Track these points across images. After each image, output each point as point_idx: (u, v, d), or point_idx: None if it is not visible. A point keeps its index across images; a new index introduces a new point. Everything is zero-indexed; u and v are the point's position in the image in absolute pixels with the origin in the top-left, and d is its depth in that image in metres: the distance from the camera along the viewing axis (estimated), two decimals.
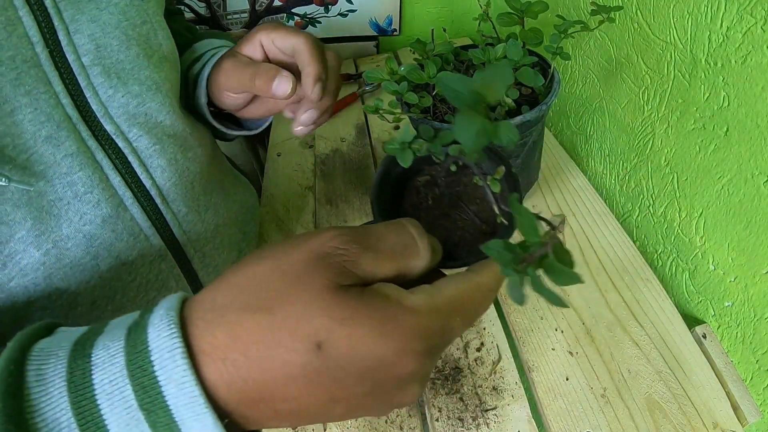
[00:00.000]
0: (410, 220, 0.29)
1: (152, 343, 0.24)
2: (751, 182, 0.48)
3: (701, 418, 0.49)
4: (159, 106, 0.46)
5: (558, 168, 0.77)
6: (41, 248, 0.39)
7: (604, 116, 0.72)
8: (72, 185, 0.40)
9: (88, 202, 0.41)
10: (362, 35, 1.12)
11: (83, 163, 0.41)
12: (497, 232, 0.37)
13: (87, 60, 0.41)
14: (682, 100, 0.55)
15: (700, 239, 0.57)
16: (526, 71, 0.53)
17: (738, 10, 0.44)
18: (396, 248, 0.27)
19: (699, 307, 0.60)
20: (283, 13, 1.06)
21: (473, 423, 0.50)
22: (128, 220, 0.44)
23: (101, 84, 0.42)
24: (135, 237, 0.44)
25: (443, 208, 0.40)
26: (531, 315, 0.59)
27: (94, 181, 0.41)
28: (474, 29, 1.15)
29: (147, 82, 0.45)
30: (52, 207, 0.39)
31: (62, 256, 0.40)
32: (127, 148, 0.44)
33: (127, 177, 0.44)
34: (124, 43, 0.44)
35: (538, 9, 0.54)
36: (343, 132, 0.91)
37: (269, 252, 0.27)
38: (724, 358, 0.55)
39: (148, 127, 0.45)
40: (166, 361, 0.23)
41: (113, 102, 0.43)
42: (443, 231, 0.38)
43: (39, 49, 0.38)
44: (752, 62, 0.44)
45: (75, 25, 0.40)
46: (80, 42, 0.41)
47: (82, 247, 0.41)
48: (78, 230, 0.41)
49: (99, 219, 0.42)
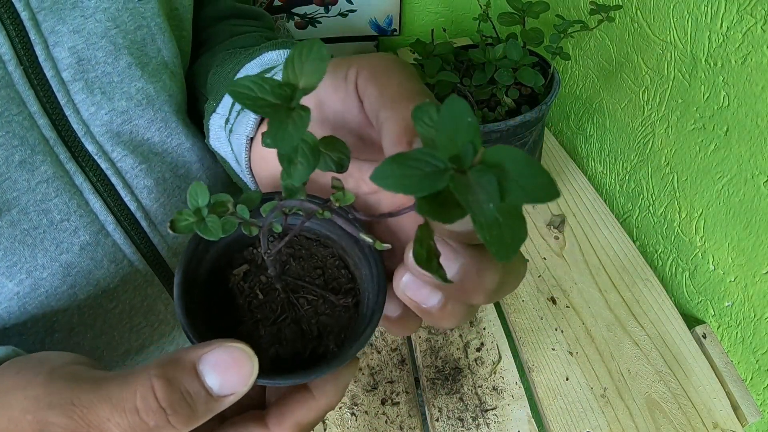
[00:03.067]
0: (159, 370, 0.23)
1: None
2: (751, 182, 0.48)
3: (701, 418, 0.49)
4: (147, 123, 0.43)
5: (558, 168, 0.77)
6: (14, 279, 0.37)
7: (604, 116, 0.72)
8: (47, 212, 0.38)
9: (65, 230, 0.39)
10: (362, 35, 1.12)
11: (60, 188, 0.38)
12: (360, 293, 0.29)
13: (67, 75, 0.38)
14: (682, 100, 0.55)
15: (700, 239, 0.57)
16: (526, 71, 0.53)
17: (738, 10, 0.44)
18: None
19: (699, 307, 0.60)
20: (283, 13, 1.06)
21: (473, 423, 0.50)
22: (110, 246, 0.42)
23: (83, 101, 0.39)
24: (117, 264, 0.42)
25: (279, 300, 0.29)
26: (531, 315, 0.59)
27: (71, 208, 0.39)
28: (474, 29, 1.15)
29: (137, 96, 0.42)
30: (25, 236, 0.37)
31: (37, 285, 0.38)
32: (110, 169, 0.41)
33: (109, 201, 0.41)
34: (112, 54, 0.41)
35: (539, 9, 0.54)
36: None
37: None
38: (724, 358, 0.55)
39: (134, 145, 0.43)
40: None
41: (96, 120, 0.40)
42: (294, 331, 0.28)
43: (11, 68, 0.36)
44: (752, 62, 0.44)
45: (54, 38, 0.38)
46: (60, 56, 0.38)
47: (58, 277, 0.39)
48: (54, 260, 0.39)
49: (77, 247, 0.40)
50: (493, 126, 0.54)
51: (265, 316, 0.28)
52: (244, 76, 0.25)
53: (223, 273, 0.30)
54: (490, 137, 0.56)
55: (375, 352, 0.57)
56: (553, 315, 0.58)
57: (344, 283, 0.29)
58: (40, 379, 0.24)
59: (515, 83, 0.57)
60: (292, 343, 0.27)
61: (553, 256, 0.64)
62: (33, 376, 0.25)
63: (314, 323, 0.28)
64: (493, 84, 0.56)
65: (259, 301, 0.29)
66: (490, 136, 0.55)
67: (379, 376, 0.55)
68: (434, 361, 0.55)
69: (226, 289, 0.29)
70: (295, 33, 1.09)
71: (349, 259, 0.30)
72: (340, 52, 1.14)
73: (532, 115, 0.55)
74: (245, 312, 0.29)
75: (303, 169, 0.19)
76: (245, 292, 0.29)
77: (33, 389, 0.24)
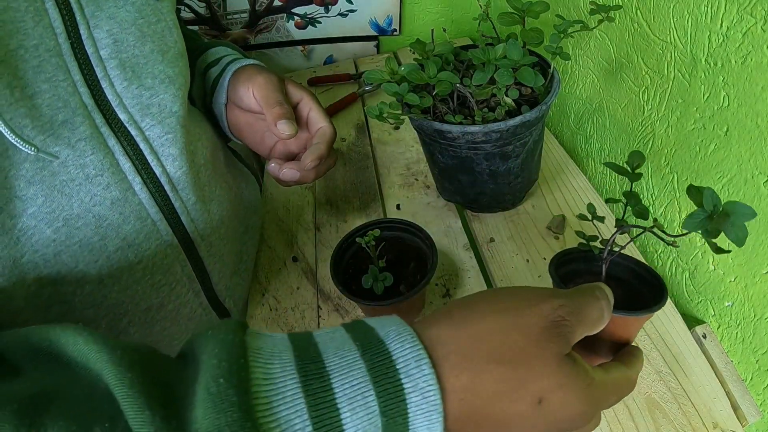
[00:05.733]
0: (601, 289, 0.34)
1: (395, 353, 0.26)
2: (751, 182, 0.48)
3: (701, 418, 0.49)
4: (172, 98, 0.49)
5: (558, 168, 0.77)
6: (52, 225, 0.41)
7: (604, 116, 0.72)
8: (84, 167, 0.42)
9: (99, 184, 0.43)
10: (362, 35, 1.12)
11: (95, 147, 0.43)
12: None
13: (105, 53, 0.44)
14: (682, 100, 0.55)
15: (700, 239, 0.57)
16: (526, 71, 0.53)
17: (738, 10, 0.44)
18: (594, 321, 0.33)
19: (699, 307, 0.60)
20: (283, 13, 1.06)
21: None
22: (136, 204, 0.46)
23: (117, 76, 0.45)
24: (142, 221, 0.47)
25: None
26: None
27: (104, 165, 0.44)
28: (474, 29, 1.15)
29: (160, 75, 0.48)
30: (64, 186, 0.41)
31: (72, 234, 0.42)
32: (139, 136, 0.46)
33: (137, 163, 0.46)
34: (140, 40, 0.46)
35: (539, 9, 0.54)
36: (343, 132, 0.91)
37: (502, 305, 0.31)
38: (724, 358, 0.55)
39: (162, 117, 0.48)
40: (413, 370, 0.26)
41: (128, 93, 0.45)
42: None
43: (62, 40, 0.41)
44: (752, 62, 0.44)
45: (95, 21, 0.43)
46: (99, 36, 0.43)
47: (91, 227, 0.43)
48: (88, 210, 0.43)
49: (108, 201, 0.44)
50: (493, 126, 0.54)
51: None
52: None
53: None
54: (490, 137, 0.56)
55: None
56: None
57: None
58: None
59: (515, 83, 0.57)
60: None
61: None
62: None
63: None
64: (493, 84, 0.56)
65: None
66: (490, 136, 0.55)
67: None
68: None
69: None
70: (295, 33, 1.09)
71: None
72: (341, 52, 1.14)
73: (532, 115, 0.55)
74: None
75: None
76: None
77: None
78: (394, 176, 0.80)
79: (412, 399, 0.25)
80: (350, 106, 0.98)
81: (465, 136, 0.56)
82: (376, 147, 0.87)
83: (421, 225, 0.58)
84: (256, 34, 1.07)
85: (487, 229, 0.69)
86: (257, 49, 1.10)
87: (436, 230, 0.69)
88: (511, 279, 0.62)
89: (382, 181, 0.80)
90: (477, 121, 0.56)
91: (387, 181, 0.80)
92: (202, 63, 0.62)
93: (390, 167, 0.82)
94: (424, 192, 0.76)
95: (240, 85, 0.56)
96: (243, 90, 0.56)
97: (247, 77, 0.56)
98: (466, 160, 0.61)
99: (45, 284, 0.41)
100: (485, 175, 0.63)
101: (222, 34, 1.05)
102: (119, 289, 0.46)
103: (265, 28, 1.07)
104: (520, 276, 0.63)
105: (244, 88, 0.56)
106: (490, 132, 0.55)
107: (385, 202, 0.76)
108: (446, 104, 0.60)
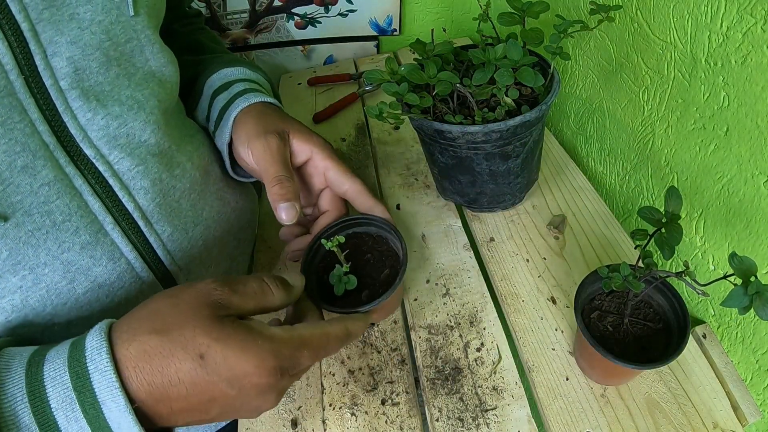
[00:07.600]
0: (268, 274, 0.41)
1: (87, 344, 0.34)
2: (751, 182, 0.48)
3: (701, 418, 0.49)
4: (142, 125, 0.46)
5: (558, 168, 0.77)
6: (17, 274, 0.39)
7: (604, 116, 0.72)
8: (50, 214, 0.40)
9: (67, 230, 0.41)
10: (362, 35, 1.12)
11: (61, 191, 0.40)
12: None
13: (65, 84, 0.40)
14: (682, 100, 0.55)
15: (700, 239, 0.57)
16: (526, 71, 0.53)
17: (738, 10, 0.44)
18: (255, 291, 0.39)
19: (699, 307, 0.60)
20: (283, 13, 1.06)
21: (473, 423, 0.50)
22: (108, 244, 0.44)
23: (80, 108, 0.41)
24: (115, 261, 0.45)
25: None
26: (531, 315, 0.59)
27: (72, 209, 0.41)
28: (474, 29, 1.15)
29: (128, 102, 0.44)
30: (30, 237, 0.39)
31: (38, 280, 0.41)
32: (107, 171, 0.43)
33: (107, 202, 0.44)
34: (104, 65, 0.43)
35: (539, 9, 0.54)
36: (343, 132, 0.91)
37: (166, 294, 0.37)
38: (724, 358, 0.55)
39: (131, 148, 0.45)
40: (95, 356, 0.33)
41: (92, 125, 0.42)
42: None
43: (13, 77, 0.37)
44: (752, 62, 0.44)
45: (53, 48, 0.39)
46: (58, 65, 0.40)
47: (59, 273, 0.41)
48: (56, 257, 0.41)
49: (78, 246, 0.42)
50: (493, 126, 0.54)
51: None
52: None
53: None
54: (490, 137, 0.56)
55: (375, 352, 0.57)
56: (553, 315, 0.58)
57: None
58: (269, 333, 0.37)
59: (515, 83, 0.57)
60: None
61: (553, 256, 0.64)
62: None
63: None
64: (493, 84, 0.56)
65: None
66: (490, 136, 0.55)
67: (379, 376, 0.55)
68: (434, 361, 0.55)
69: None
70: (295, 33, 1.09)
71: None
72: (341, 52, 1.14)
73: (532, 115, 0.55)
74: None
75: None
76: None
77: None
78: (394, 176, 0.80)
79: (95, 377, 0.32)
80: (350, 106, 0.98)
81: (465, 136, 0.56)
82: (376, 147, 0.87)
83: (421, 224, 0.58)
84: (256, 34, 1.07)
85: (487, 228, 0.69)
86: (257, 49, 1.10)
87: (436, 230, 0.69)
88: (510, 278, 0.63)
89: (382, 180, 0.80)
90: (477, 121, 0.56)
91: (387, 180, 0.80)
92: (210, 88, 0.58)
93: (390, 167, 0.82)
94: (424, 192, 0.76)
95: (240, 143, 0.53)
96: (243, 150, 0.52)
97: (246, 137, 0.52)
98: (465, 159, 0.61)
99: (14, 326, 0.41)
100: (485, 175, 0.63)
101: (222, 34, 1.05)
102: (90, 327, 0.45)
103: (265, 28, 1.07)
104: (520, 276, 0.63)
105: (243, 147, 0.52)
106: (490, 132, 0.55)
107: (385, 202, 0.76)
108: (446, 104, 0.60)
